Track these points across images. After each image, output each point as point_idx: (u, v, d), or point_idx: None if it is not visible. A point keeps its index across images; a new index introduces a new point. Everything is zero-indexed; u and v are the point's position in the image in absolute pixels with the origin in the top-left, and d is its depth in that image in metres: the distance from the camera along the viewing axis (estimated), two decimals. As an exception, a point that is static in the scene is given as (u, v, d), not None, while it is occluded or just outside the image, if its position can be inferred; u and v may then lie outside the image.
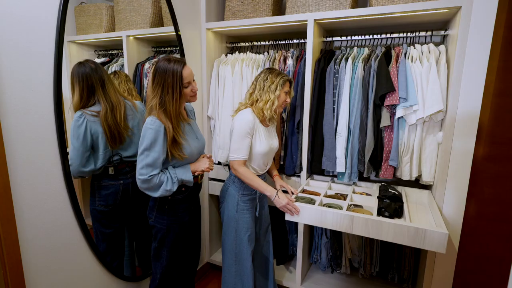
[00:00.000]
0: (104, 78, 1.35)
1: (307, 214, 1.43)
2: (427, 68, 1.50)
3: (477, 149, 1.80)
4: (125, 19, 1.70)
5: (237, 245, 1.55)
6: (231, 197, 1.56)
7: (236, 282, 1.58)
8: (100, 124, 1.33)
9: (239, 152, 1.46)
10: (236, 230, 1.54)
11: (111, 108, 1.35)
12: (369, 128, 1.61)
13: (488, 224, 1.87)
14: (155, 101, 1.24)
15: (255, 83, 1.53)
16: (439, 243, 1.21)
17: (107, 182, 1.42)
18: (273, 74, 1.50)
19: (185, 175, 1.33)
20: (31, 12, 1.08)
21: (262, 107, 1.48)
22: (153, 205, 1.36)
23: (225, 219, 1.58)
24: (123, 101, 1.43)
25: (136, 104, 1.53)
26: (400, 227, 1.27)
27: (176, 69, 1.24)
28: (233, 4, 1.96)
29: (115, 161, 1.42)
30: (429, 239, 1.23)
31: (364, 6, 1.66)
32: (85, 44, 1.55)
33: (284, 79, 1.50)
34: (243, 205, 1.55)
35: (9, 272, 1.04)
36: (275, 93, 1.47)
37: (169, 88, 1.24)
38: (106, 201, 1.43)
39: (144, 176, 1.22)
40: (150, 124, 1.23)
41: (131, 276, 1.65)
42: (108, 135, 1.35)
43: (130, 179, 1.48)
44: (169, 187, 1.27)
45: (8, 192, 1.02)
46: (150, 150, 1.22)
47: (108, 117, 1.34)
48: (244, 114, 1.48)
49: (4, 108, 1.01)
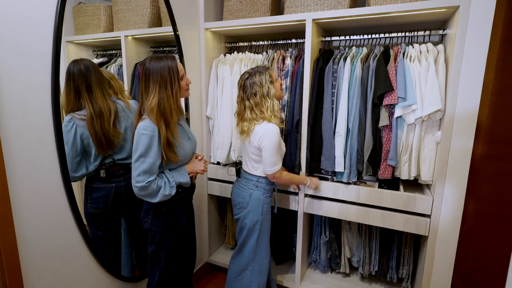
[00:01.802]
0: (91, 82, 1.28)
1: (323, 188, 1.79)
2: (425, 67, 1.50)
3: (476, 148, 1.80)
4: (124, 19, 1.70)
5: (258, 245, 1.59)
6: (256, 202, 1.56)
7: (252, 280, 1.62)
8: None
9: (278, 163, 1.49)
10: (260, 231, 1.58)
11: (97, 114, 1.29)
12: (367, 127, 1.61)
13: (487, 223, 1.87)
14: (154, 101, 1.21)
15: (247, 102, 1.47)
16: (426, 207, 1.56)
17: (98, 185, 1.39)
18: (257, 77, 1.45)
19: (183, 178, 1.32)
20: (29, 12, 1.08)
21: (269, 117, 1.45)
22: (149, 209, 1.33)
23: (250, 224, 1.57)
24: (114, 106, 1.37)
25: (130, 104, 1.48)
26: (396, 194, 1.61)
27: (170, 64, 1.23)
28: (232, 4, 1.95)
29: (107, 163, 1.39)
30: (418, 204, 1.57)
31: (362, 6, 1.66)
32: (83, 44, 1.54)
33: (266, 72, 1.46)
34: (267, 207, 1.59)
35: (7, 273, 1.03)
36: (271, 92, 1.46)
37: (167, 83, 1.22)
38: (97, 204, 1.40)
39: (141, 183, 1.19)
40: (143, 129, 1.19)
41: (130, 276, 1.64)
42: (94, 142, 1.30)
43: (123, 182, 1.45)
44: (168, 192, 1.25)
45: (6, 192, 1.02)
46: (145, 156, 1.19)
47: (95, 123, 1.28)
48: (271, 127, 1.44)
49: (1, 108, 1.01)
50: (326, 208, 1.81)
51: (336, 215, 1.79)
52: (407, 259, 1.89)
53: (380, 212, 1.67)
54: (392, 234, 1.91)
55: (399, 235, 1.90)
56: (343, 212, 1.77)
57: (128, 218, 1.59)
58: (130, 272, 1.67)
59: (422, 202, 1.56)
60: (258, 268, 1.62)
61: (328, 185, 1.77)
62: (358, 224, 2.01)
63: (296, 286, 2.01)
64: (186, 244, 1.49)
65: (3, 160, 1.00)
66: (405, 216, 1.61)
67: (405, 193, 1.60)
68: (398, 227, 1.64)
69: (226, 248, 2.47)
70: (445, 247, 1.54)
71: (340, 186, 1.74)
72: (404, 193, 1.61)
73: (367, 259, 1.99)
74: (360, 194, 1.69)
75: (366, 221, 1.71)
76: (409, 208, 1.59)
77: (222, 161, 2.04)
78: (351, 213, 1.74)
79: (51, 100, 1.16)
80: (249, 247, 1.61)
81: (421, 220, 1.58)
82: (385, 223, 1.66)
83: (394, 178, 1.68)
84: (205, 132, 2.13)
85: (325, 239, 2.05)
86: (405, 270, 1.89)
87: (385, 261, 1.96)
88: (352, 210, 1.74)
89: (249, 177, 1.59)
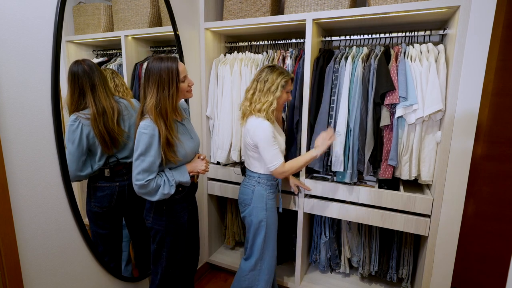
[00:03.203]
0: (95, 82, 1.30)
1: (321, 188, 1.79)
2: (426, 67, 1.50)
3: (476, 148, 1.80)
4: (124, 19, 1.70)
5: (265, 243, 1.57)
6: (259, 198, 1.55)
7: (260, 279, 1.60)
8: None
9: (276, 158, 1.45)
10: (267, 229, 1.56)
11: (101, 113, 1.31)
12: (369, 127, 1.61)
13: (487, 223, 1.87)
14: (152, 101, 1.22)
15: (256, 84, 1.51)
16: (426, 207, 1.56)
17: (102, 184, 1.41)
18: (274, 74, 1.48)
19: (182, 177, 1.32)
20: (29, 12, 1.07)
21: (259, 108, 1.47)
22: (150, 207, 1.35)
23: (255, 222, 1.56)
24: (117, 105, 1.39)
25: (133, 102, 1.51)
26: (396, 194, 1.62)
27: (170, 65, 1.24)
28: (232, 3, 1.95)
29: (111, 162, 1.41)
30: (418, 203, 1.57)
31: (362, 6, 1.66)
32: (83, 44, 1.54)
33: (286, 79, 1.49)
34: (271, 203, 1.58)
35: (7, 272, 1.03)
36: (275, 95, 1.46)
37: (165, 84, 1.23)
38: (101, 203, 1.41)
39: (141, 182, 1.21)
40: (143, 128, 1.21)
41: (130, 276, 1.64)
42: (99, 141, 1.32)
43: (127, 181, 1.47)
44: (167, 191, 1.26)
45: (6, 192, 1.02)
46: (145, 155, 1.21)
47: (99, 122, 1.30)
48: (260, 122, 1.46)
49: (1, 108, 1.00)
50: (326, 208, 1.81)
51: (336, 215, 1.79)
52: (407, 259, 1.89)
53: (380, 212, 1.67)
54: (392, 234, 1.91)
55: (399, 235, 1.90)
56: (343, 213, 1.77)
57: (129, 217, 1.59)
58: (130, 273, 1.66)
59: (422, 202, 1.56)
60: (266, 268, 1.61)
61: (328, 185, 1.77)
62: (358, 224, 2.01)
63: (296, 286, 2.01)
64: (188, 243, 1.49)
65: (3, 160, 1.00)
66: (405, 216, 1.61)
67: (405, 193, 1.61)
68: (398, 227, 1.64)
69: (226, 248, 2.47)
70: (445, 247, 1.54)
71: (340, 186, 1.74)
72: (404, 193, 1.61)
73: (367, 259, 1.99)
74: (360, 194, 1.69)
75: (366, 221, 1.71)
76: (409, 208, 1.59)
77: (222, 161, 2.04)
78: (351, 213, 1.74)
79: (51, 99, 1.16)
80: (257, 246, 1.59)
81: (421, 220, 1.58)
82: (385, 223, 1.66)
83: (394, 178, 1.68)
84: (205, 132, 2.13)
85: (325, 239, 2.05)
86: (405, 270, 1.89)
87: (385, 261, 1.96)
88: (352, 210, 1.74)
89: (251, 174, 1.59)
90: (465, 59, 1.38)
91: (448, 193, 1.50)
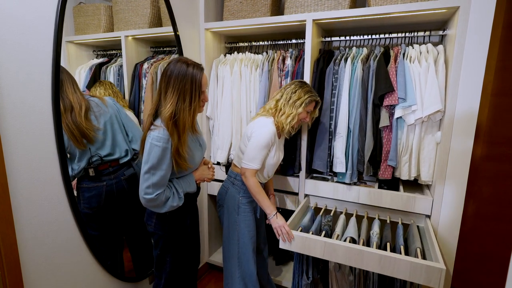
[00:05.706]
0: (63, 78, 1.27)
1: (321, 188, 1.80)
2: (425, 68, 1.50)
3: (476, 148, 1.80)
4: (124, 19, 1.70)
5: (240, 249, 1.52)
6: (231, 200, 1.53)
7: (241, 287, 1.53)
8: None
9: (255, 162, 1.42)
10: (239, 233, 1.51)
11: (68, 108, 1.28)
12: (368, 128, 1.61)
13: (487, 223, 1.87)
14: (170, 110, 1.12)
15: (283, 92, 1.50)
16: (426, 207, 1.56)
17: (89, 184, 1.38)
18: (302, 90, 1.48)
19: (190, 187, 1.31)
20: (29, 12, 1.08)
21: (283, 120, 1.46)
22: (152, 212, 1.29)
23: (226, 224, 1.55)
24: (86, 101, 1.36)
25: (105, 100, 1.47)
26: (396, 195, 1.62)
27: (196, 74, 1.13)
28: (232, 4, 1.96)
29: (94, 162, 1.38)
30: (418, 203, 1.58)
31: (362, 6, 1.66)
32: (83, 44, 1.55)
33: (311, 99, 1.48)
34: (244, 207, 1.53)
35: (7, 272, 1.03)
36: (298, 110, 1.45)
37: (186, 95, 1.13)
38: (90, 204, 1.39)
39: (150, 196, 1.16)
40: (156, 140, 1.13)
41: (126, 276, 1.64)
42: (68, 135, 1.28)
43: (114, 180, 1.44)
44: (176, 203, 1.23)
45: (6, 192, 1.02)
46: (156, 169, 1.15)
47: (66, 117, 1.27)
48: (268, 124, 1.44)
49: (2, 108, 1.01)
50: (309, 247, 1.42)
51: (319, 254, 1.40)
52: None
53: (378, 255, 1.28)
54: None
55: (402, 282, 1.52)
56: (329, 252, 1.37)
57: (122, 217, 1.56)
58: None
59: (422, 203, 1.56)
60: (244, 279, 1.53)
61: (328, 186, 1.77)
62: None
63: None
64: (191, 246, 1.48)
65: (3, 160, 1.00)
66: (411, 261, 1.23)
67: (405, 194, 1.61)
68: (403, 276, 1.25)
69: (226, 248, 2.47)
70: (445, 247, 1.54)
71: (339, 187, 1.74)
72: (404, 194, 1.61)
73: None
74: (360, 195, 1.69)
75: (360, 264, 1.32)
76: (409, 208, 1.59)
77: (222, 161, 2.05)
78: (339, 252, 1.34)
79: (51, 100, 1.16)
80: (231, 251, 1.53)
81: (433, 268, 1.21)
82: (384, 269, 1.28)
83: (394, 178, 1.68)
84: (205, 132, 2.13)
85: (307, 281, 1.64)
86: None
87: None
88: (340, 249, 1.34)
89: (231, 173, 1.57)
90: (464, 59, 1.38)
91: (448, 193, 1.50)
